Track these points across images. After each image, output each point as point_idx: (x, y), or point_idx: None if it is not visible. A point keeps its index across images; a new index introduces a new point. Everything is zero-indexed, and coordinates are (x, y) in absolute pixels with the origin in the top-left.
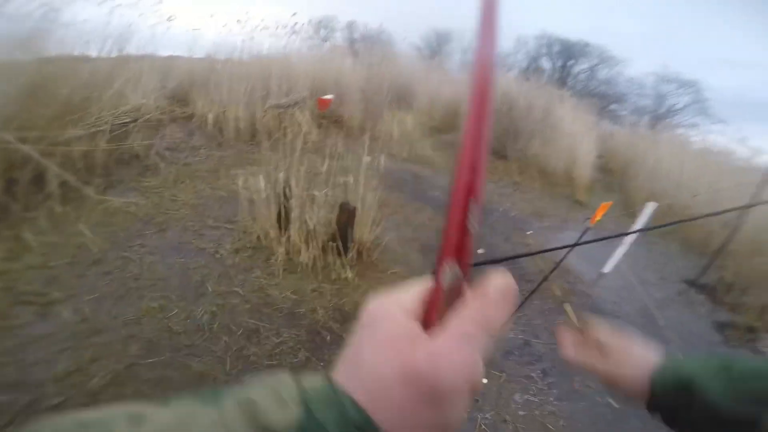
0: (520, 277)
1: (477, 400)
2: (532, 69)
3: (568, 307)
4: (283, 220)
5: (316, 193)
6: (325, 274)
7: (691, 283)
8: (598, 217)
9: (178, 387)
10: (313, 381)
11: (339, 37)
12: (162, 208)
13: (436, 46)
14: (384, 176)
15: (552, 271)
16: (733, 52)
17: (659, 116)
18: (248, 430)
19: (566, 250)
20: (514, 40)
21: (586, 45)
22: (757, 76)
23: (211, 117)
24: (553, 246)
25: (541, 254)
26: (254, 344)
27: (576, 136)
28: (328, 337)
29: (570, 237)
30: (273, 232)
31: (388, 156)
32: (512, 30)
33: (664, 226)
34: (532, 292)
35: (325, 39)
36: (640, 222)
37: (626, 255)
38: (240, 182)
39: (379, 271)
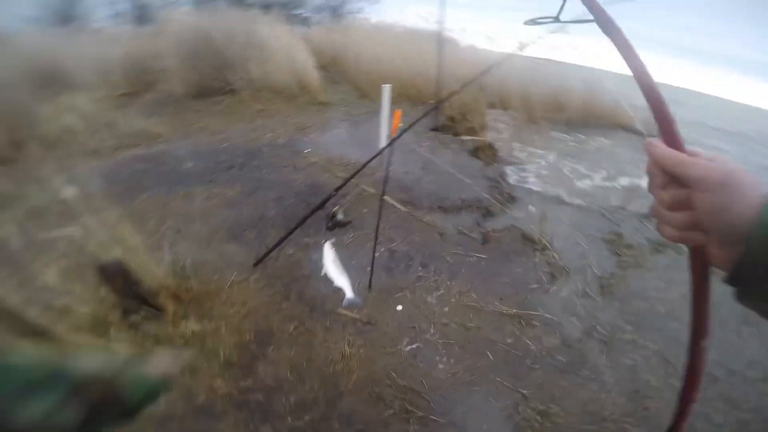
0: (342, 195)
1: (414, 327)
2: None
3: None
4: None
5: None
6: (166, 347)
7: (435, 129)
8: (398, 125)
9: None
10: None
11: None
12: None
13: (66, 8)
14: (110, 188)
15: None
16: None
17: (335, 8)
18: None
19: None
20: None
21: None
22: None
23: None
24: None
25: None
26: None
27: (286, 48)
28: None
29: (338, 134)
30: None
31: (91, 158)
32: None
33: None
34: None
35: None
36: (385, 103)
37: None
38: None
39: (215, 294)
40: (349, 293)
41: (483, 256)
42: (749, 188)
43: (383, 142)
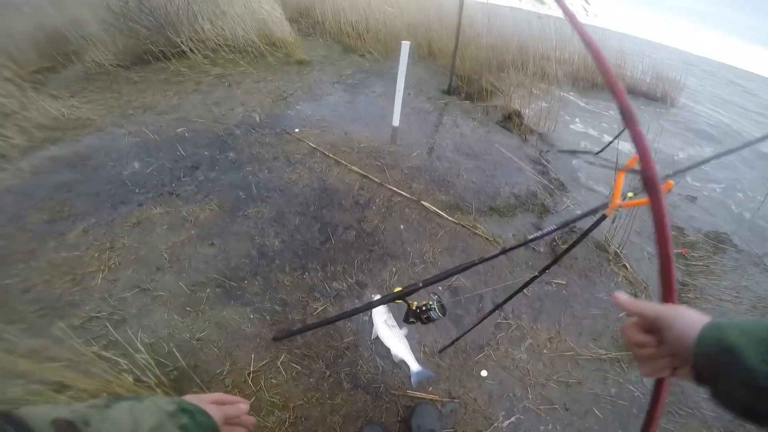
0: (365, 204)
1: (507, 395)
2: None
3: None
4: None
5: None
6: None
7: (447, 92)
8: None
9: None
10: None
11: None
12: None
13: None
14: (19, 222)
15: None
16: None
17: None
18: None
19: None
20: None
21: None
22: None
23: None
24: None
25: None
26: None
27: None
28: None
29: (332, 103)
30: None
31: None
32: None
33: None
34: None
35: None
36: (402, 64)
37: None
38: None
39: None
40: (414, 365)
41: (562, 281)
42: (693, 318)
43: (397, 112)
